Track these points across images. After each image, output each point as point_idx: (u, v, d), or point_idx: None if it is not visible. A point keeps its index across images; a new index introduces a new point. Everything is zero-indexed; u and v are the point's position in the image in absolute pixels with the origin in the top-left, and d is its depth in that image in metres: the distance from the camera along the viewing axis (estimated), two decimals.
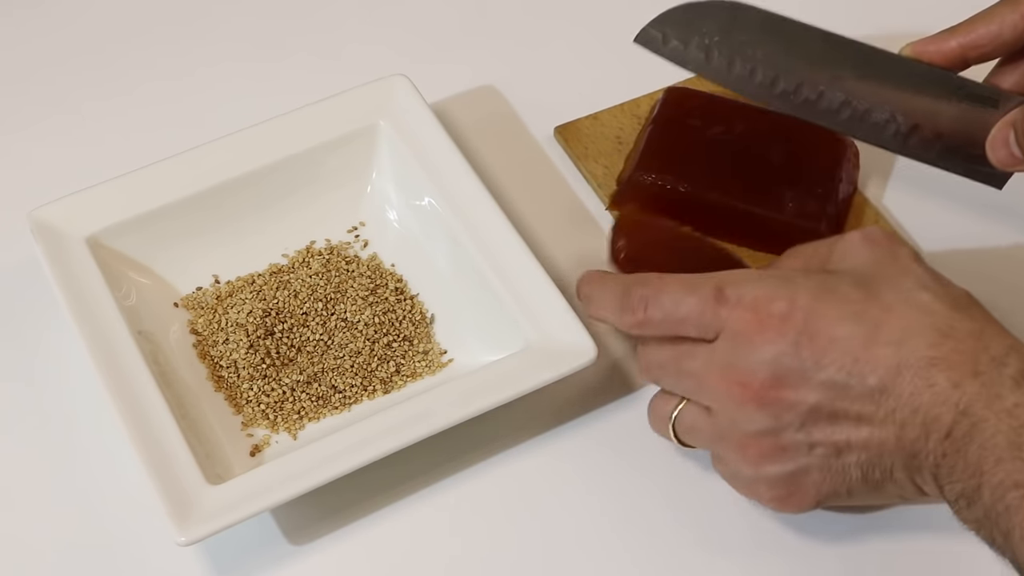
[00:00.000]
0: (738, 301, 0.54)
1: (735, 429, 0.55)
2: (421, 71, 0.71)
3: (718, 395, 0.55)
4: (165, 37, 0.81)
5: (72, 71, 0.79)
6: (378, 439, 0.58)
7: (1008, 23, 0.58)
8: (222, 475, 0.58)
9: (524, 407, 0.62)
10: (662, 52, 0.62)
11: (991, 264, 0.70)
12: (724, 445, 0.56)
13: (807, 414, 0.53)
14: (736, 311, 0.54)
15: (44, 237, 0.64)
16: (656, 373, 0.58)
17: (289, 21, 0.82)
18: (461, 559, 0.60)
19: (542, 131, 0.75)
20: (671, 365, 0.57)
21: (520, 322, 0.62)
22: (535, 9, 0.82)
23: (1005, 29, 0.58)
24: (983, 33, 0.58)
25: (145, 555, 0.60)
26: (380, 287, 0.67)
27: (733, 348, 0.54)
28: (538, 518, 0.61)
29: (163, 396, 0.59)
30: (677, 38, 0.62)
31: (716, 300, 0.54)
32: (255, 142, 0.68)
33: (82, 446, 0.63)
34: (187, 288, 0.67)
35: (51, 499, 0.61)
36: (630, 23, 0.81)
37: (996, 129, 0.58)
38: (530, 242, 0.65)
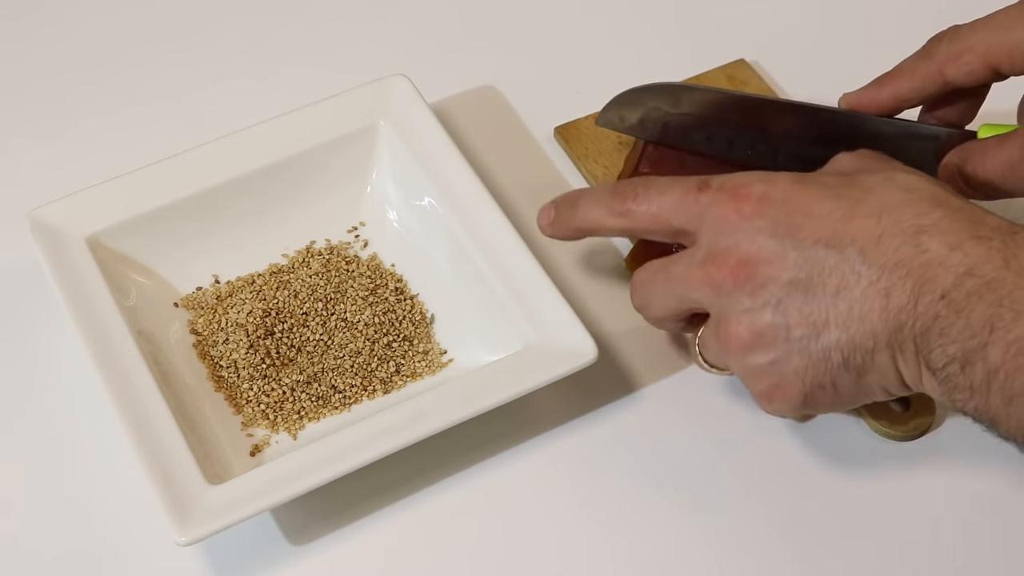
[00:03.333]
0: (719, 187, 0.55)
1: (720, 321, 0.55)
2: (421, 71, 0.71)
3: (702, 287, 0.55)
4: (165, 37, 0.81)
5: (72, 71, 0.79)
6: (378, 439, 0.58)
7: (928, 78, 0.61)
8: (222, 475, 0.58)
9: (524, 407, 0.62)
10: (623, 129, 0.69)
11: None
12: (720, 344, 0.56)
13: (783, 290, 0.53)
14: (717, 195, 0.55)
15: (44, 237, 0.64)
16: (647, 287, 0.58)
17: (289, 21, 0.82)
18: (461, 559, 0.60)
19: (542, 131, 0.75)
20: (660, 274, 0.57)
21: (520, 322, 0.62)
22: (535, 9, 0.82)
23: (927, 84, 0.61)
24: (908, 87, 0.61)
25: (145, 555, 0.60)
26: (380, 287, 0.67)
27: (713, 233, 0.54)
28: (539, 518, 0.61)
29: (163, 396, 0.59)
30: (632, 116, 0.68)
31: (699, 188, 0.55)
32: (255, 142, 0.68)
33: (82, 446, 0.63)
34: (187, 288, 0.67)
35: (51, 499, 0.61)
36: (630, 23, 0.82)
37: (941, 170, 0.61)
38: (530, 242, 0.65)
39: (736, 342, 0.55)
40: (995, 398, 0.50)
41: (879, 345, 0.52)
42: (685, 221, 0.56)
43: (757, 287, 0.53)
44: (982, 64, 0.59)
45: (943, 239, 0.51)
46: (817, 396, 0.55)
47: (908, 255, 0.51)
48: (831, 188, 0.54)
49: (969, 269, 0.50)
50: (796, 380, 0.54)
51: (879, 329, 0.52)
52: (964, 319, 0.50)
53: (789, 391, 0.55)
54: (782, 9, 0.82)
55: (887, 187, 0.53)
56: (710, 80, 0.75)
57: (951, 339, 0.50)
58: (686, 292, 0.56)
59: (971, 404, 0.51)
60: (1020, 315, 0.49)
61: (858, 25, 0.81)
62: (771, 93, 0.75)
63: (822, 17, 0.82)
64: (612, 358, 0.65)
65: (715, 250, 0.54)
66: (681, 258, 0.56)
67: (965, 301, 0.50)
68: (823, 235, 0.52)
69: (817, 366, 0.54)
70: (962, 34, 0.60)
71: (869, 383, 0.54)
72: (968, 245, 0.50)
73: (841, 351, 0.53)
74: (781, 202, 0.53)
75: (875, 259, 0.51)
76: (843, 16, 0.82)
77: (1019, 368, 0.48)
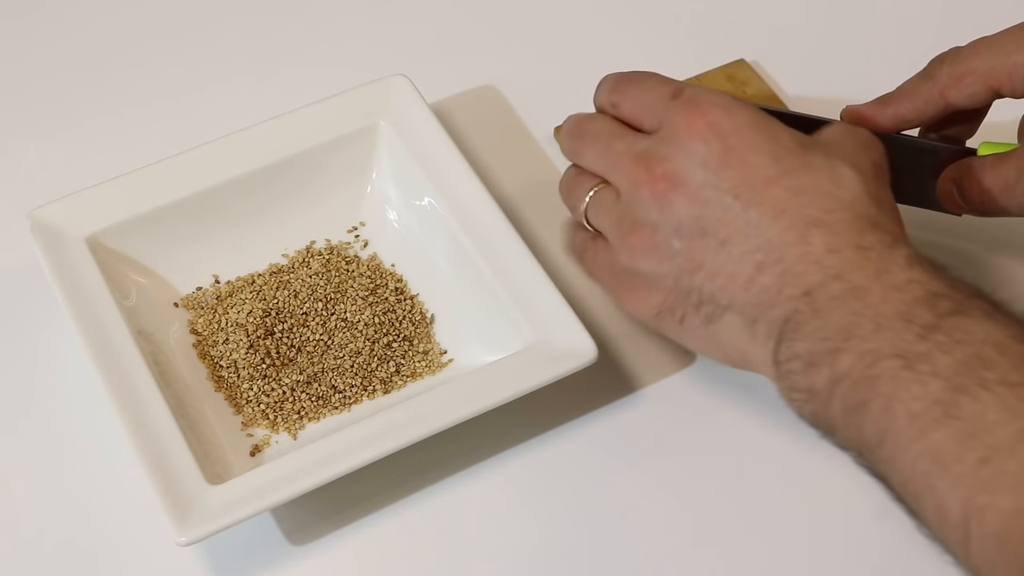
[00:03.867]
0: (687, 99, 0.55)
1: (628, 214, 0.56)
2: (421, 71, 0.71)
3: (626, 176, 0.56)
4: (166, 37, 0.81)
5: (72, 71, 0.79)
6: (378, 439, 0.58)
7: (930, 100, 0.61)
8: (222, 475, 0.58)
9: (524, 407, 0.62)
10: None
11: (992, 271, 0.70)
12: (617, 229, 0.57)
13: (689, 218, 0.54)
14: (681, 107, 0.55)
15: (44, 237, 0.64)
16: (587, 142, 0.59)
17: (289, 20, 0.82)
18: (460, 559, 0.60)
19: (542, 131, 0.75)
20: (604, 139, 0.58)
21: (520, 322, 0.62)
22: (535, 9, 0.82)
23: (929, 106, 0.61)
24: (910, 108, 0.61)
25: (144, 555, 0.60)
26: (380, 287, 0.67)
27: (660, 139, 0.55)
28: (538, 518, 0.61)
29: (163, 396, 0.59)
30: None
31: (672, 95, 0.56)
32: (255, 142, 0.68)
33: (82, 446, 0.63)
34: (187, 288, 0.67)
35: (51, 498, 0.61)
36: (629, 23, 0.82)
37: (940, 185, 0.61)
38: (530, 242, 0.65)
39: (631, 242, 0.56)
40: (836, 405, 0.49)
41: (733, 307, 0.53)
42: (650, 122, 0.57)
43: (667, 205, 0.54)
44: (983, 87, 0.59)
45: (827, 240, 0.51)
46: (666, 320, 0.56)
47: (791, 240, 0.52)
48: (780, 145, 0.54)
49: (839, 273, 0.51)
50: (656, 297, 0.56)
51: (738, 295, 0.53)
52: (820, 320, 0.50)
53: (646, 302, 0.56)
54: (782, 9, 0.82)
55: (821, 171, 0.53)
56: (710, 80, 0.75)
57: (801, 336, 0.51)
58: (611, 169, 0.57)
59: (808, 407, 0.51)
60: (881, 328, 0.49)
61: (859, 25, 0.81)
62: (771, 93, 0.76)
63: (822, 17, 0.82)
64: (612, 358, 0.65)
65: (653, 153, 0.55)
66: (627, 136, 0.57)
67: (826, 303, 0.50)
68: (740, 186, 0.53)
69: (678, 295, 0.55)
70: (963, 56, 0.60)
71: (714, 335, 0.55)
72: (847, 252, 0.51)
73: (700, 294, 0.54)
74: (726, 135, 0.54)
75: (765, 230, 0.52)
76: (844, 16, 0.82)
77: (868, 379, 0.48)
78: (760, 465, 0.63)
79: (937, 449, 0.46)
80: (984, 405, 0.45)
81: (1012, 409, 0.45)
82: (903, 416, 0.47)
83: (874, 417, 0.48)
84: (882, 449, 0.48)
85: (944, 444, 0.46)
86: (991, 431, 0.45)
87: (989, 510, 0.44)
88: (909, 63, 0.63)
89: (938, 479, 0.46)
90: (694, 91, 0.56)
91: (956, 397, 0.46)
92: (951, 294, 0.49)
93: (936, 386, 0.46)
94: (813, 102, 0.76)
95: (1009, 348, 0.47)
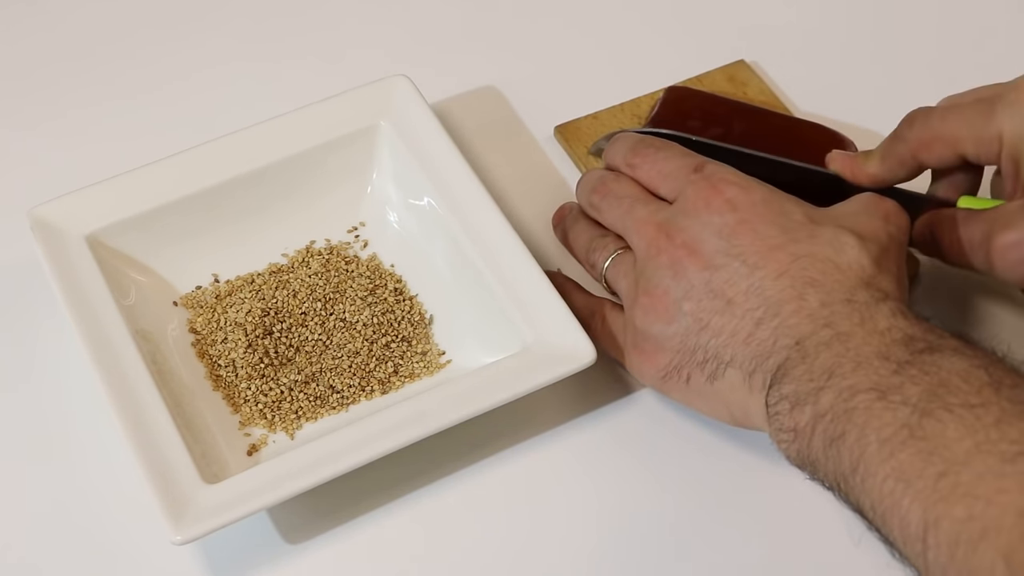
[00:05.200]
0: (708, 175, 0.59)
1: (643, 276, 0.59)
2: (422, 71, 0.71)
3: (645, 241, 0.59)
4: (166, 37, 0.81)
5: (72, 70, 0.79)
6: (375, 440, 0.58)
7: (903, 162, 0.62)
8: (218, 474, 0.58)
9: (522, 408, 0.62)
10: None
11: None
12: (633, 291, 0.60)
13: (700, 284, 0.57)
14: (702, 182, 0.59)
15: (43, 235, 0.64)
16: (611, 201, 0.62)
17: (290, 21, 0.82)
18: (458, 560, 0.60)
19: (542, 132, 0.75)
20: (628, 201, 0.61)
21: (519, 324, 0.62)
22: (535, 9, 0.82)
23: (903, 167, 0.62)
24: (885, 169, 0.63)
25: (141, 554, 0.60)
26: (379, 287, 0.67)
27: (680, 208, 0.59)
28: (536, 519, 0.61)
29: (160, 395, 0.59)
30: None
31: (695, 168, 0.60)
32: (256, 142, 0.68)
33: (79, 444, 0.63)
34: (186, 287, 0.67)
35: (48, 497, 0.62)
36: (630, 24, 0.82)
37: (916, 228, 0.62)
38: (530, 243, 0.65)
39: (644, 303, 0.59)
40: (817, 441, 0.52)
41: (734, 362, 0.56)
42: (668, 191, 0.61)
43: (682, 271, 0.57)
44: (951, 153, 0.61)
45: (820, 296, 0.55)
46: (672, 380, 0.59)
47: (789, 297, 0.55)
48: (789, 219, 0.57)
49: (828, 323, 0.54)
50: (664, 358, 0.58)
51: (739, 350, 0.56)
52: (808, 364, 0.53)
53: (655, 363, 0.59)
54: (782, 10, 0.82)
55: (825, 240, 0.56)
56: (710, 80, 0.75)
57: (789, 379, 0.53)
58: (632, 233, 0.60)
59: (793, 447, 0.53)
60: (860, 365, 0.51)
61: (858, 26, 0.81)
62: (770, 94, 0.75)
63: (822, 18, 0.82)
64: (610, 361, 0.65)
65: (673, 224, 0.59)
66: (651, 204, 0.61)
67: (814, 349, 0.53)
68: (748, 252, 0.56)
69: (684, 355, 0.58)
70: (932, 122, 0.61)
71: (717, 392, 0.57)
72: (837, 305, 0.54)
73: (704, 352, 0.57)
74: (741, 209, 0.57)
75: (766, 290, 0.56)
76: (843, 17, 0.82)
77: (847, 411, 0.51)
78: (757, 467, 0.62)
79: (902, 467, 0.48)
80: (945, 425, 0.48)
81: (970, 427, 0.47)
82: (874, 442, 0.49)
83: (849, 446, 0.50)
84: (855, 476, 0.50)
85: (908, 462, 0.48)
86: (950, 447, 0.47)
87: (944, 519, 0.46)
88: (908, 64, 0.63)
89: (902, 495, 0.48)
90: (714, 168, 0.59)
91: (921, 420, 0.48)
92: (927, 337, 0.52)
93: (904, 412, 0.49)
94: (812, 103, 0.76)
95: (972, 375, 0.49)
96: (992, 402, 0.48)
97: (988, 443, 0.47)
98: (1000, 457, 0.46)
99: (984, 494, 0.46)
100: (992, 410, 0.48)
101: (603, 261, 0.63)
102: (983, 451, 0.46)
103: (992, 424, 0.47)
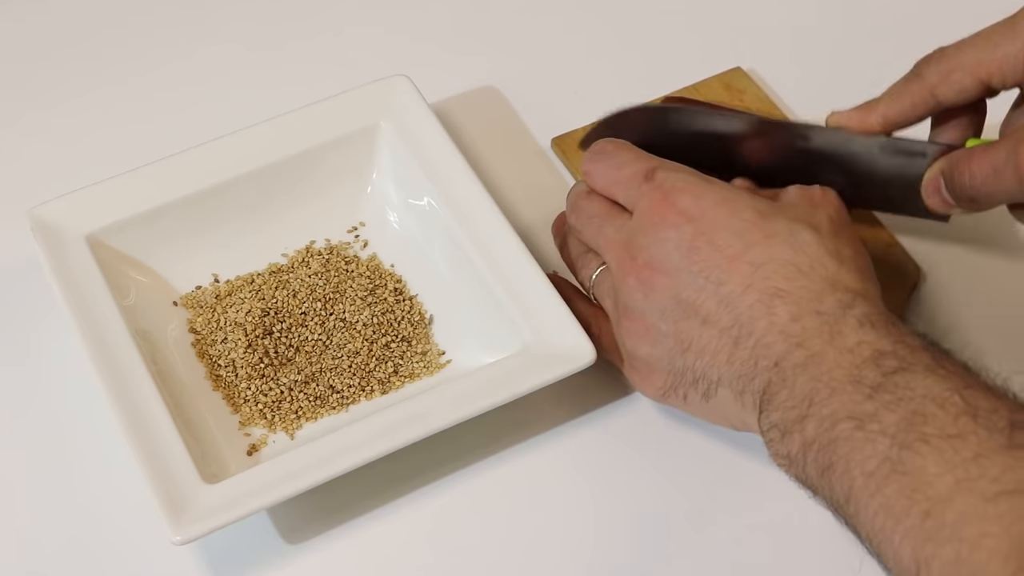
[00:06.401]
0: (659, 184, 0.59)
1: (620, 299, 0.59)
2: (422, 72, 0.71)
3: (615, 262, 0.59)
4: (166, 37, 0.81)
5: (72, 70, 0.79)
6: (375, 440, 0.58)
7: (919, 99, 0.61)
8: (218, 474, 0.58)
9: (521, 408, 0.62)
10: None
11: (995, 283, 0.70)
12: (615, 314, 0.60)
13: (670, 302, 0.57)
14: (653, 192, 0.58)
15: (44, 235, 0.64)
16: (584, 221, 0.62)
17: (291, 21, 0.82)
18: (458, 559, 0.60)
19: (542, 132, 0.75)
20: (597, 220, 0.61)
21: (518, 324, 0.62)
22: (537, 11, 0.82)
23: (918, 107, 0.62)
24: (897, 110, 0.62)
25: (141, 553, 0.60)
26: (379, 287, 0.67)
27: (638, 225, 0.59)
28: (535, 519, 0.61)
29: (160, 395, 0.59)
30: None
31: (645, 176, 0.59)
32: (256, 141, 0.68)
33: (79, 444, 0.63)
34: (186, 287, 0.67)
35: (47, 497, 0.62)
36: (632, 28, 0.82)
37: (927, 178, 0.61)
38: (529, 243, 0.65)
39: (626, 327, 0.59)
40: (811, 469, 0.52)
41: (723, 382, 0.56)
42: (624, 200, 0.60)
43: (651, 291, 0.58)
44: (973, 80, 0.60)
45: (790, 309, 0.54)
46: (671, 398, 0.59)
47: (759, 313, 0.55)
48: (744, 221, 0.57)
49: (800, 341, 0.53)
50: (658, 379, 0.59)
51: (724, 370, 0.56)
52: (788, 390, 0.53)
53: (651, 383, 0.59)
54: (779, 17, 0.82)
55: (782, 240, 0.56)
56: (707, 88, 0.75)
57: (775, 407, 0.53)
58: (604, 253, 0.61)
59: (792, 471, 0.54)
60: (835, 392, 0.51)
61: (855, 33, 0.81)
62: (768, 101, 0.75)
63: (818, 25, 0.82)
64: (609, 360, 0.65)
65: (634, 242, 0.58)
66: (616, 222, 0.60)
67: (791, 372, 0.53)
68: (710, 266, 0.56)
69: (676, 375, 0.58)
70: (949, 54, 0.61)
71: (715, 407, 0.58)
72: (807, 319, 0.54)
73: (693, 373, 0.57)
74: (696, 219, 0.57)
75: (735, 307, 0.55)
76: (840, 24, 0.82)
77: (830, 441, 0.51)
78: (756, 466, 0.62)
79: (889, 504, 0.48)
80: (925, 459, 0.48)
81: (949, 461, 0.48)
82: (860, 476, 0.50)
83: (839, 478, 0.51)
84: (848, 506, 0.50)
85: (894, 499, 0.48)
86: (931, 484, 0.48)
87: (934, 559, 0.47)
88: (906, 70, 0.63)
89: (892, 532, 0.48)
90: (664, 175, 0.59)
91: (901, 454, 0.49)
92: (896, 350, 0.52)
93: (884, 444, 0.49)
94: (810, 109, 0.75)
95: (947, 401, 0.49)
96: (969, 431, 0.48)
97: (968, 480, 0.47)
98: (981, 496, 0.46)
99: (969, 537, 0.46)
100: (970, 441, 0.48)
101: (588, 279, 0.63)
102: (964, 488, 0.47)
103: (971, 459, 0.47)
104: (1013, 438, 0.47)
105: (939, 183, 0.60)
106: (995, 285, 0.70)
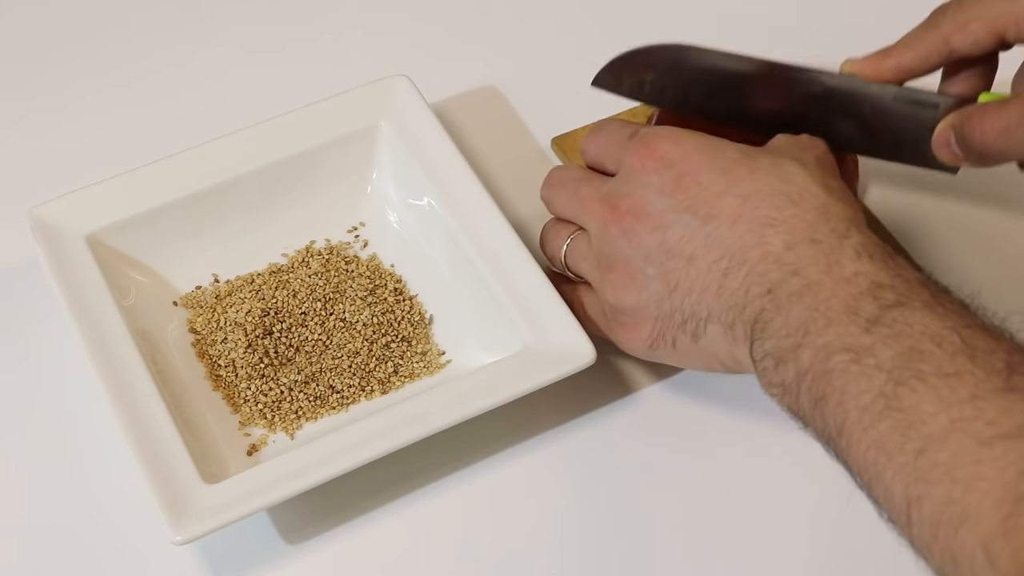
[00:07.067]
0: (639, 138, 0.59)
1: (603, 253, 0.59)
2: (422, 72, 0.71)
3: (593, 217, 0.59)
4: (167, 37, 0.81)
5: (73, 71, 0.79)
6: (375, 440, 0.58)
7: (934, 48, 0.61)
8: (218, 474, 0.58)
9: (521, 408, 0.62)
10: (620, 92, 0.67)
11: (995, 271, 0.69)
12: (597, 271, 0.60)
13: (655, 244, 0.57)
14: (634, 145, 0.59)
15: (44, 235, 0.64)
16: (557, 189, 0.62)
17: (291, 23, 0.82)
18: (457, 560, 0.60)
19: (542, 132, 0.75)
20: (571, 184, 0.62)
21: (518, 324, 0.62)
22: (537, 11, 0.82)
23: (932, 55, 0.61)
24: (912, 58, 0.62)
25: (140, 554, 0.60)
26: (379, 287, 0.67)
27: (620, 177, 0.59)
28: (535, 519, 0.61)
29: (160, 395, 0.59)
30: (631, 79, 0.66)
31: (630, 136, 0.60)
32: (256, 141, 0.68)
33: (79, 444, 0.63)
34: (186, 287, 0.67)
35: (47, 496, 0.62)
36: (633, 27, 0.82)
37: (938, 132, 0.61)
38: (529, 243, 0.65)
39: (610, 279, 0.59)
40: (804, 399, 0.52)
41: (712, 317, 0.56)
42: (613, 164, 0.61)
43: (635, 237, 0.58)
44: (988, 32, 0.60)
45: (784, 237, 0.54)
46: (659, 347, 0.59)
47: (751, 243, 0.55)
48: (727, 160, 0.57)
49: (796, 270, 0.53)
50: (646, 328, 0.59)
51: (713, 304, 0.56)
52: (783, 317, 0.53)
53: (638, 335, 0.59)
54: (778, 11, 0.82)
55: (768, 173, 0.56)
56: None
57: (769, 335, 0.53)
58: (580, 213, 0.61)
59: (785, 401, 0.53)
60: (832, 322, 0.51)
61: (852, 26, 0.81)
62: None
63: (819, 19, 0.82)
64: (609, 361, 0.65)
65: (615, 192, 0.59)
66: (593, 181, 0.61)
67: (786, 300, 0.53)
68: (696, 203, 0.56)
69: (663, 320, 0.58)
70: (967, 5, 0.60)
71: (705, 348, 0.57)
72: (802, 247, 0.54)
73: (682, 313, 0.57)
74: (678, 162, 0.57)
75: (724, 239, 0.55)
76: (839, 16, 0.82)
77: (825, 372, 0.51)
78: (756, 465, 0.63)
79: (882, 440, 0.48)
80: (920, 396, 0.48)
81: (944, 400, 0.47)
82: (853, 409, 0.49)
83: (832, 410, 0.50)
84: (840, 439, 0.50)
85: (888, 436, 0.48)
86: (926, 422, 0.47)
87: (926, 498, 0.47)
88: None
89: (884, 468, 0.48)
90: (646, 130, 0.60)
91: (896, 390, 0.48)
92: (895, 284, 0.52)
93: (879, 379, 0.49)
94: None
95: (945, 339, 0.49)
96: (966, 371, 0.48)
97: (963, 421, 0.47)
98: (976, 438, 0.46)
99: (963, 478, 0.46)
100: (967, 381, 0.47)
101: (560, 250, 0.62)
102: (959, 429, 0.47)
103: (967, 399, 0.47)
104: (1010, 380, 0.47)
105: (950, 136, 0.60)
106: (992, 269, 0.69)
